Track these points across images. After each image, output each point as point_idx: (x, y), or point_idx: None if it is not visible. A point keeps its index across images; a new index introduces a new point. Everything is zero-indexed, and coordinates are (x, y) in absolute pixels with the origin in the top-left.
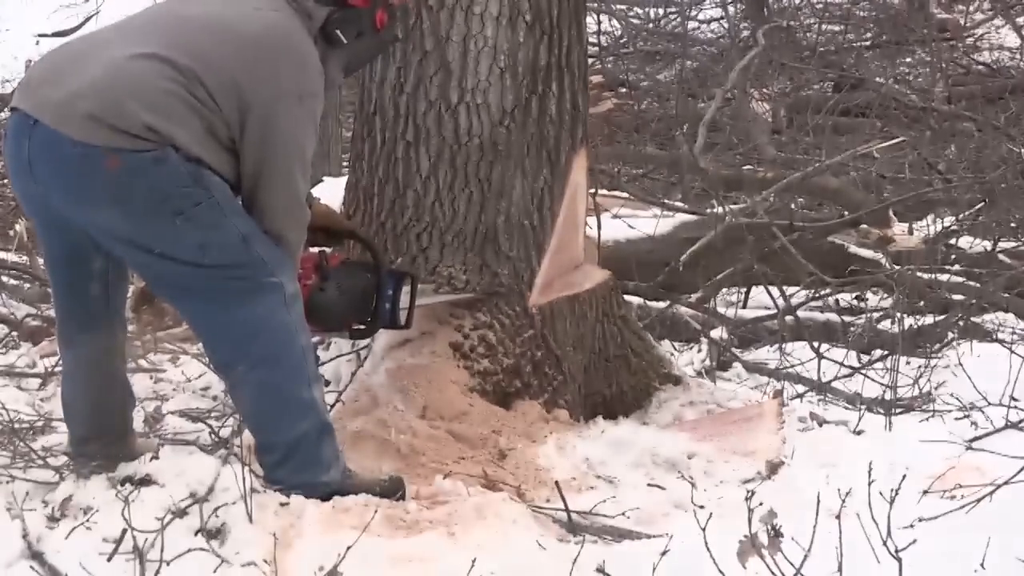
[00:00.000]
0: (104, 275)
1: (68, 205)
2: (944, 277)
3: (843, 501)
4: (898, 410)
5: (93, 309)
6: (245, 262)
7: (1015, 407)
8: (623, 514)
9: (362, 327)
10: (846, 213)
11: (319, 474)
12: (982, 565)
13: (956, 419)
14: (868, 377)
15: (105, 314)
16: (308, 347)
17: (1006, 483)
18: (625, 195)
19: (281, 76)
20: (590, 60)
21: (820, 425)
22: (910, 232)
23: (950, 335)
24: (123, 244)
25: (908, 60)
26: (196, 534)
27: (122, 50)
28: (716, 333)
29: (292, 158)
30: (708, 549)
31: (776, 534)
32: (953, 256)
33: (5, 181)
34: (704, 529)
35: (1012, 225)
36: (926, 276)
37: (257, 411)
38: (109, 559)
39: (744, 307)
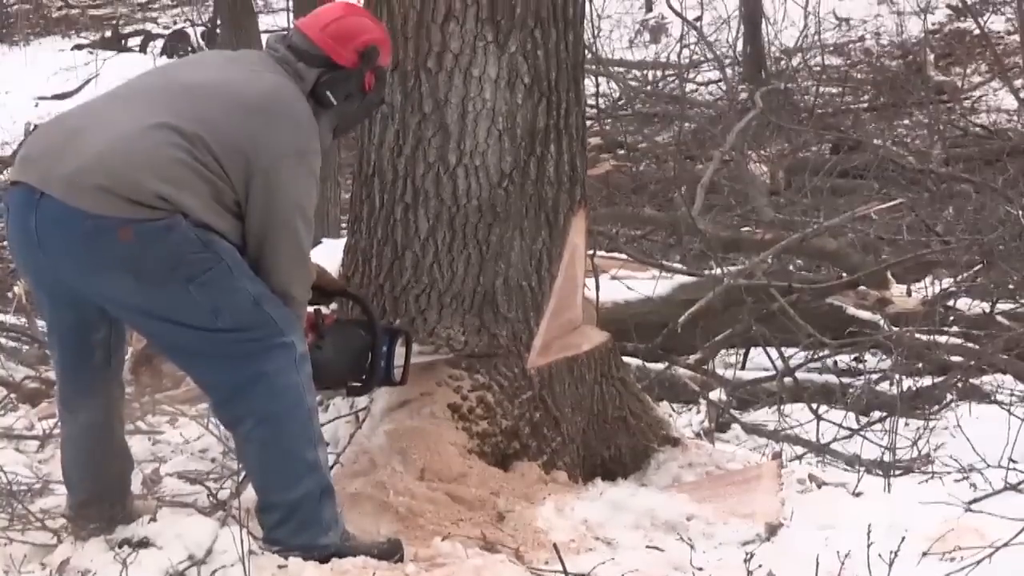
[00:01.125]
0: (107, 342)
1: (79, 276)
2: (942, 339)
3: (842, 563)
4: (897, 472)
5: (94, 375)
6: (257, 323)
7: (1014, 469)
8: None
9: (358, 384)
10: (844, 275)
11: (318, 536)
12: None
13: (955, 481)
14: (867, 439)
15: (104, 379)
16: (314, 408)
17: (1005, 545)
18: (624, 256)
19: (282, 136)
20: (588, 122)
21: (819, 487)
22: (908, 294)
23: (948, 397)
24: (134, 313)
25: (906, 122)
26: None
27: (129, 120)
28: (715, 394)
29: (295, 214)
30: None
31: None
32: (951, 318)
33: (3, 244)
34: None
35: (1010, 287)
36: (924, 338)
37: (261, 469)
38: None
39: (743, 368)
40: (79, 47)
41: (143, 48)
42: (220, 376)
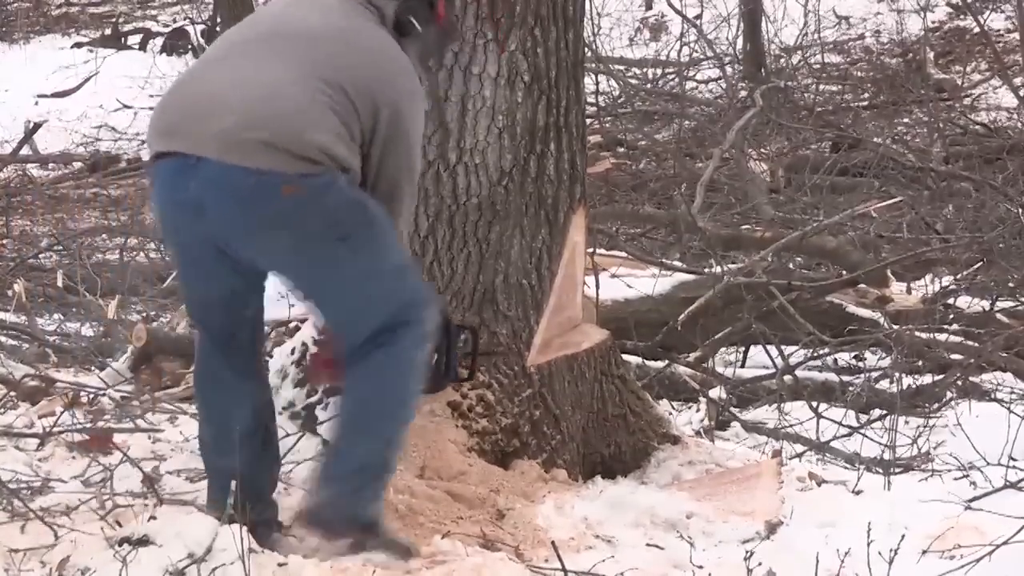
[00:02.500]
0: (253, 322)
1: (240, 236)
2: (942, 337)
3: (842, 561)
4: (897, 470)
5: (244, 356)
6: (399, 292)
7: (1014, 467)
8: (621, 574)
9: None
10: (844, 273)
11: (375, 506)
12: None
13: (955, 479)
14: (867, 437)
15: (255, 361)
16: (418, 392)
17: (1005, 543)
18: (623, 255)
19: (399, 78)
20: (588, 120)
21: (819, 485)
22: (908, 292)
23: (949, 395)
24: (295, 267)
25: (906, 120)
26: None
27: (270, 72)
28: (715, 392)
29: (415, 151)
30: None
31: None
32: (951, 316)
33: (4, 242)
34: None
35: (1010, 285)
36: (924, 336)
37: (375, 399)
38: None
39: (743, 366)
40: (79, 45)
41: (143, 46)
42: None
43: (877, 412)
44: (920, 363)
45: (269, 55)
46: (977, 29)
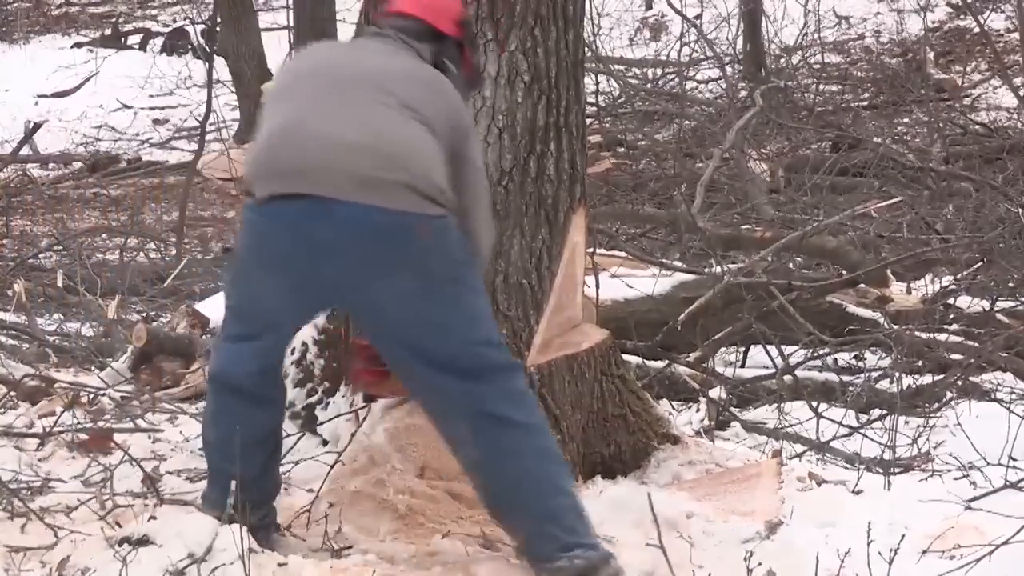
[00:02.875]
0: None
1: (365, 282)
2: (942, 336)
3: (842, 561)
4: (897, 470)
5: (274, 372)
6: (497, 341)
7: (1014, 467)
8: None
9: None
10: (844, 273)
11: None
12: None
13: (955, 479)
14: (867, 437)
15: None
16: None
17: (1005, 543)
18: (623, 254)
19: (463, 111)
20: (588, 120)
21: (819, 485)
22: (908, 292)
23: (948, 395)
24: (409, 313)
25: (906, 120)
26: None
27: (383, 116)
28: (715, 392)
29: (482, 178)
30: None
31: None
32: (951, 316)
33: (4, 242)
34: None
35: (1010, 284)
36: (924, 335)
37: (542, 475)
38: None
39: (743, 366)
40: (79, 45)
41: (143, 46)
42: (467, 393)
43: (877, 412)
44: (920, 363)
45: (365, 99)
46: (977, 29)
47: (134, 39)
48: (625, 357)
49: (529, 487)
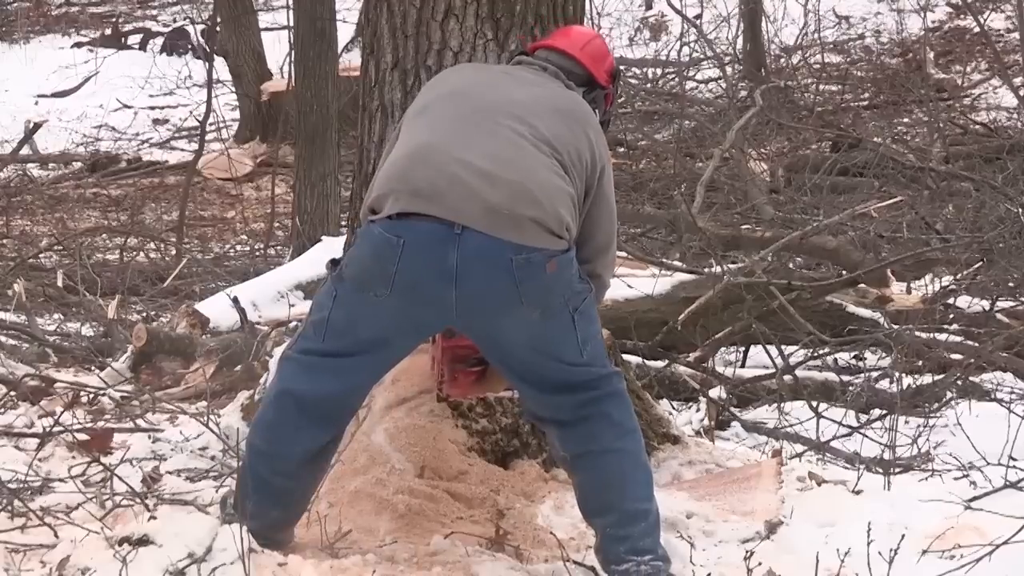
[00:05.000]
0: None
1: (490, 313)
2: (942, 336)
3: (842, 561)
4: (897, 470)
5: (347, 406)
6: (602, 355)
7: (1014, 467)
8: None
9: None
10: (844, 273)
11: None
12: None
13: (955, 479)
14: (867, 436)
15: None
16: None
17: (1005, 543)
18: (623, 254)
19: (602, 143)
20: None
21: (819, 484)
22: (908, 291)
23: (948, 394)
24: (526, 346)
25: (906, 120)
26: None
27: (520, 150)
28: (715, 392)
29: (614, 215)
30: None
31: None
32: (951, 315)
33: (4, 242)
34: None
35: (1010, 284)
36: (924, 335)
37: (628, 479)
38: None
39: (743, 366)
40: (79, 45)
41: (143, 46)
42: (576, 402)
43: (877, 412)
44: (920, 363)
45: (504, 130)
46: (977, 29)
47: (134, 39)
48: (625, 357)
49: (618, 488)
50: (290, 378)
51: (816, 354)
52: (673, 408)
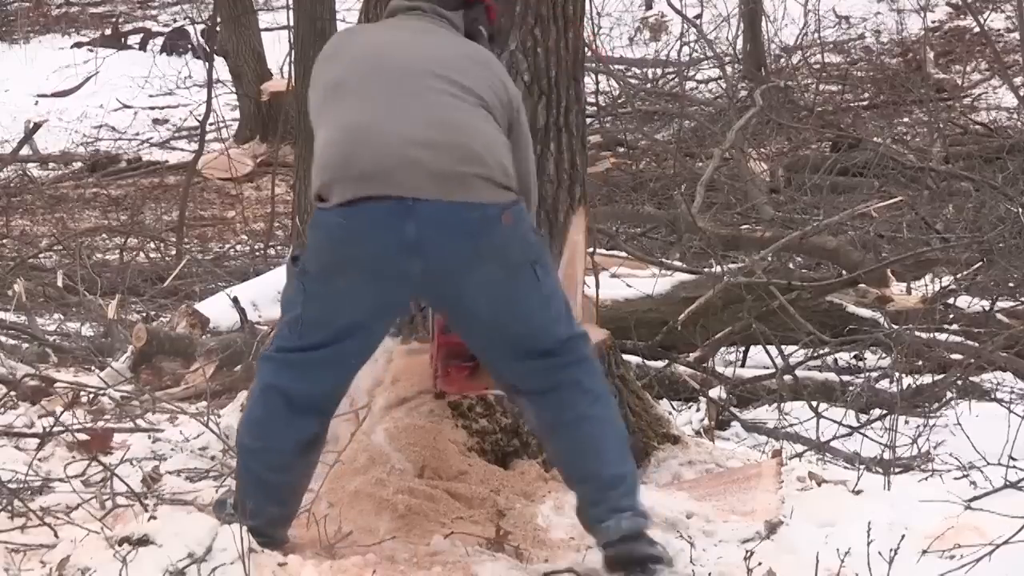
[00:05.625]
0: (356, 369)
1: (455, 276)
2: (942, 336)
3: (842, 561)
4: (897, 469)
5: (333, 395)
6: (568, 315)
7: (1014, 467)
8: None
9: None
10: (844, 273)
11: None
12: None
13: (955, 479)
14: (867, 436)
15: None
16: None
17: (1005, 543)
18: (623, 254)
19: (509, 82)
20: (588, 120)
21: (819, 484)
22: (908, 291)
23: (949, 394)
24: (492, 304)
25: (906, 120)
26: None
27: (447, 108)
28: (715, 392)
29: (530, 142)
30: None
31: None
32: (951, 315)
33: (4, 242)
34: None
35: (1010, 284)
36: (924, 335)
37: (604, 445)
38: None
39: (742, 366)
40: (79, 45)
41: (143, 46)
42: (547, 367)
43: (877, 412)
44: (920, 363)
45: (428, 91)
46: (977, 29)
47: (134, 39)
48: (625, 357)
49: (594, 455)
50: (273, 374)
51: (816, 354)
52: (673, 408)
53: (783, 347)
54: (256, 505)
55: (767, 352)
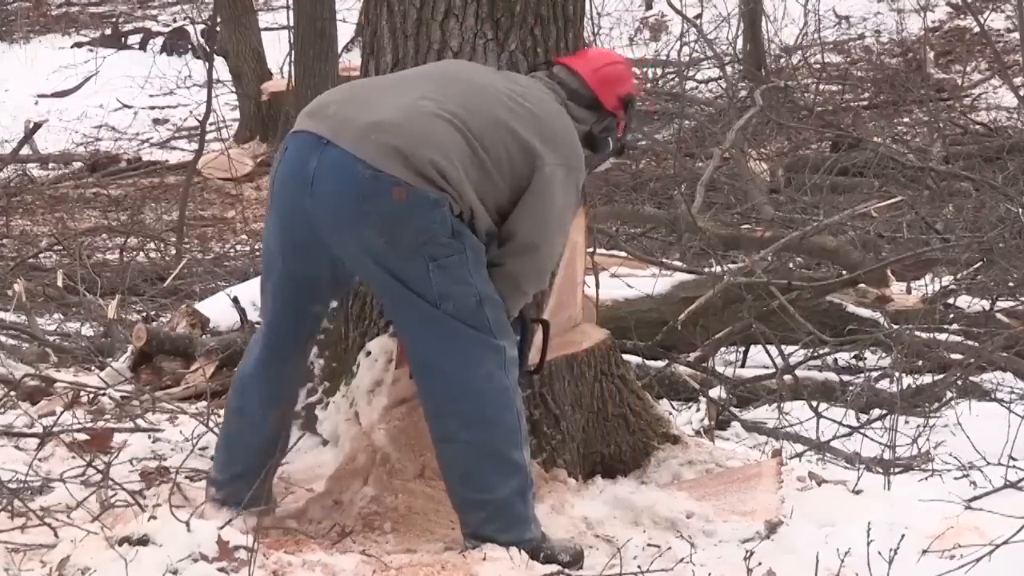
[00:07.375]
0: (317, 320)
1: (336, 223)
2: (942, 336)
3: (842, 561)
4: (897, 469)
5: (295, 350)
6: (475, 324)
7: (1014, 466)
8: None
9: None
10: (844, 273)
11: (525, 532)
12: None
13: (955, 478)
14: (867, 436)
15: (300, 360)
16: (522, 410)
17: (1005, 543)
18: (623, 254)
19: (562, 149)
20: None
21: (819, 484)
22: (908, 291)
23: (948, 394)
24: (376, 268)
25: (906, 120)
26: None
27: (426, 103)
28: (715, 392)
29: (554, 221)
30: None
31: None
32: (951, 315)
33: (4, 242)
34: None
35: (1010, 284)
36: (924, 335)
37: (466, 470)
38: None
39: (742, 366)
40: (79, 45)
41: (143, 46)
42: (433, 361)
43: (877, 412)
44: (920, 363)
45: (431, 89)
46: (977, 29)
47: (134, 39)
48: (625, 357)
49: (458, 478)
50: (253, 350)
51: (816, 354)
52: (673, 408)
53: (783, 347)
54: (223, 470)
55: (767, 352)
